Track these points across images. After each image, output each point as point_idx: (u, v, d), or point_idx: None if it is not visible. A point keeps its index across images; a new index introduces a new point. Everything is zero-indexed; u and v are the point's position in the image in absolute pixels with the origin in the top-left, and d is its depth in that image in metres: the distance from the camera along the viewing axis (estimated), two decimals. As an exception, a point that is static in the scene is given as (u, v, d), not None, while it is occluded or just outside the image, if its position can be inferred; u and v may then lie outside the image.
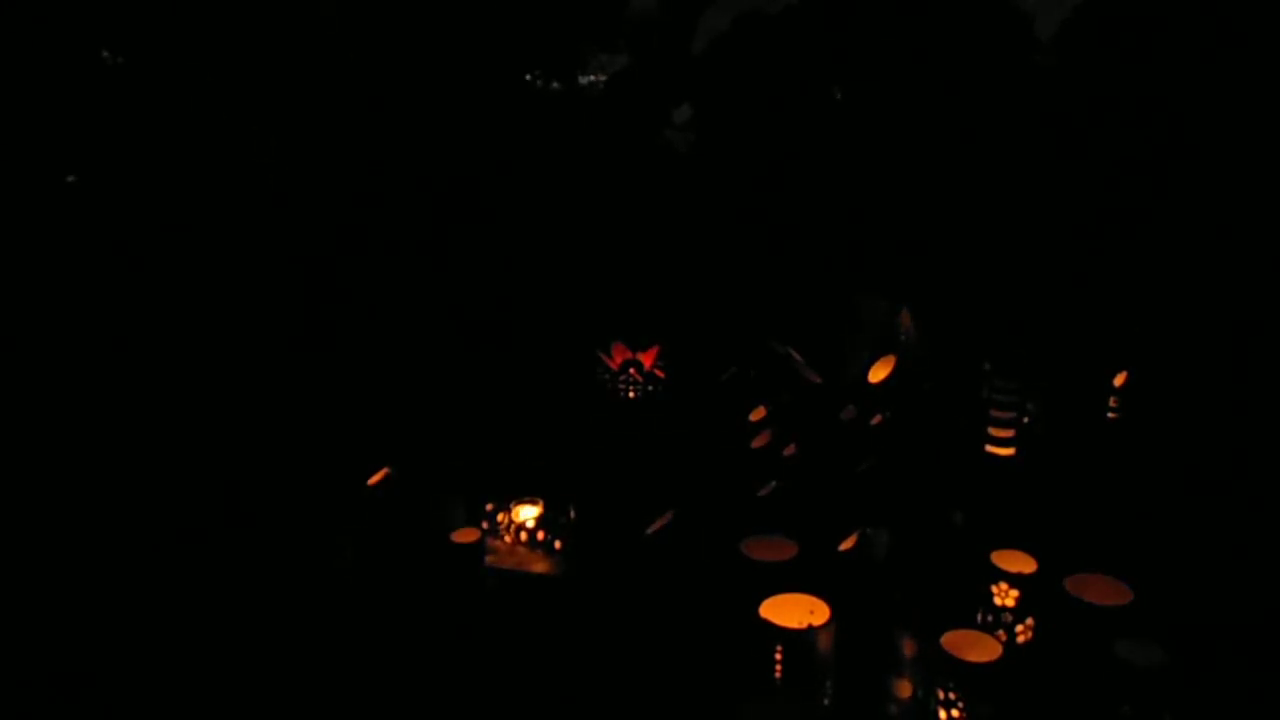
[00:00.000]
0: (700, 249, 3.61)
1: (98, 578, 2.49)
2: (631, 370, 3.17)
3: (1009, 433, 2.81)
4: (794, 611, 2.08)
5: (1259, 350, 3.01)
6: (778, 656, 2.04)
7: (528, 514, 2.65)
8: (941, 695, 1.94)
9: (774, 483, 2.75)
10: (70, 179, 3.52)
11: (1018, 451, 2.83)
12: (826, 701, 2.05)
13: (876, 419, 2.92)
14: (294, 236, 3.63)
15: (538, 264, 3.68)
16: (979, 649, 1.99)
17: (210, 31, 3.49)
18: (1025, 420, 2.91)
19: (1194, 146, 3.13)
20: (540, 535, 2.61)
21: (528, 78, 3.77)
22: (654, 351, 3.19)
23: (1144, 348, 3.09)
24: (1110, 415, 3.04)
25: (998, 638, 2.08)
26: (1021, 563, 2.26)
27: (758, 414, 3.00)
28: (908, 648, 2.15)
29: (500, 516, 2.66)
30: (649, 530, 2.60)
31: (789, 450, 2.86)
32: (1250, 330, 3.04)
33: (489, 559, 2.55)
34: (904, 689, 2.08)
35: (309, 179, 3.64)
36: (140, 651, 2.23)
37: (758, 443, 2.91)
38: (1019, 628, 2.21)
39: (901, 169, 3.43)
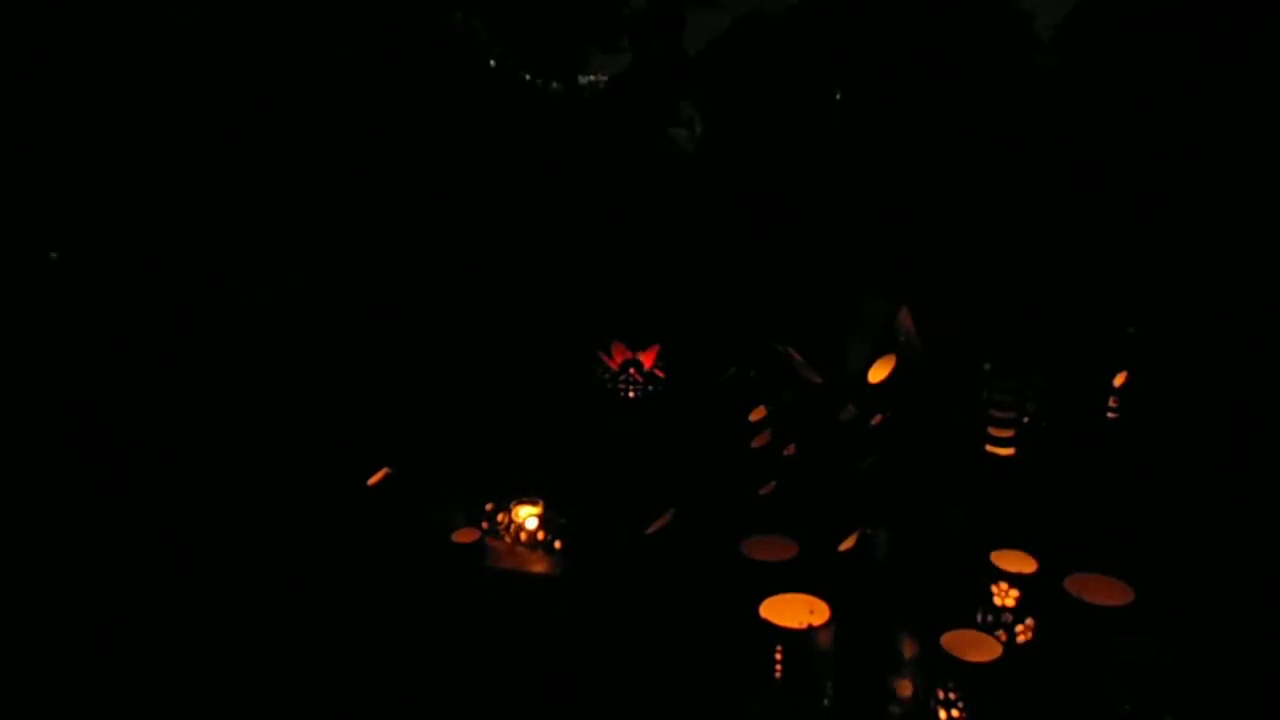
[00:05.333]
0: (701, 249, 3.61)
1: (99, 576, 2.49)
2: (631, 370, 3.17)
3: (1009, 433, 2.81)
4: (794, 611, 2.08)
5: (1258, 350, 3.01)
6: (778, 656, 2.03)
7: (528, 514, 2.65)
8: (941, 695, 1.94)
9: (774, 483, 2.75)
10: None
11: (1017, 451, 2.83)
12: (826, 701, 2.05)
13: (876, 419, 2.92)
14: (293, 237, 3.63)
15: (538, 264, 3.68)
16: (979, 649, 1.98)
17: (211, 33, 3.50)
18: (1025, 420, 2.91)
19: (1194, 146, 3.14)
20: (540, 535, 2.61)
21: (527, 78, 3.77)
22: (654, 351, 3.19)
23: (1143, 348, 3.09)
24: (1110, 415, 3.04)
25: (998, 638, 2.08)
26: (1021, 563, 2.26)
27: (758, 414, 3.00)
28: (908, 648, 2.15)
29: (500, 516, 2.66)
30: (649, 530, 2.60)
31: (789, 450, 2.86)
32: (1250, 330, 3.04)
33: (489, 559, 2.54)
34: (904, 689, 2.08)
35: (307, 179, 3.64)
36: (141, 650, 2.23)
37: (758, 443, 2.91)
38: (1019, 628, 2.20)
39: (902, 169, 3.43)
